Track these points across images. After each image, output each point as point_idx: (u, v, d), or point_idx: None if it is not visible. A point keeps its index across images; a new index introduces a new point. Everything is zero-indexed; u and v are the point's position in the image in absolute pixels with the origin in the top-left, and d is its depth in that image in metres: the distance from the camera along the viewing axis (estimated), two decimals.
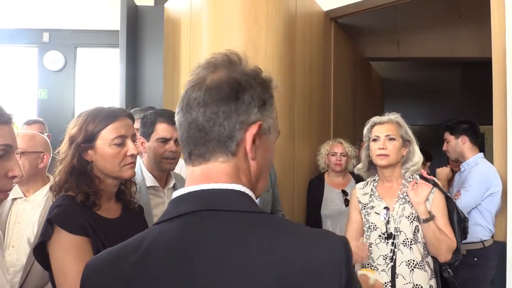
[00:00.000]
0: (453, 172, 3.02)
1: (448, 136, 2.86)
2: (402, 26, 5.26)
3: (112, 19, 3.97)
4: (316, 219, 2.98)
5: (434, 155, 4.15)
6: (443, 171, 2.83)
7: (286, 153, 2.80)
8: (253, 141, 0.77)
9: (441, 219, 1.86)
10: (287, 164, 2.92)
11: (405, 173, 1.96)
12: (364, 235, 1.97)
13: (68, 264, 1.23)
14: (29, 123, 3.21)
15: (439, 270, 1.88)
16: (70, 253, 1.23)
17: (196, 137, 0.76)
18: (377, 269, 1.87)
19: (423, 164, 3.40)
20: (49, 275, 1.30)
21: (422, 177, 1.94)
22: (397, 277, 1.83)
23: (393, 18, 5.06)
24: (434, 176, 2.26)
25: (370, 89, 5.73)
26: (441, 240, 1.82)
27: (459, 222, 1.91)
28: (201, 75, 0.78)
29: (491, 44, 2.74)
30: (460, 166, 2.84)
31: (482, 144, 2.81)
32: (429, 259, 1.88)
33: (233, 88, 0.76)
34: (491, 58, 2.73)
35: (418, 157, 1.94)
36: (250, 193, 0.78)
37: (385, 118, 1.98)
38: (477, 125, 2.84)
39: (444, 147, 2.88)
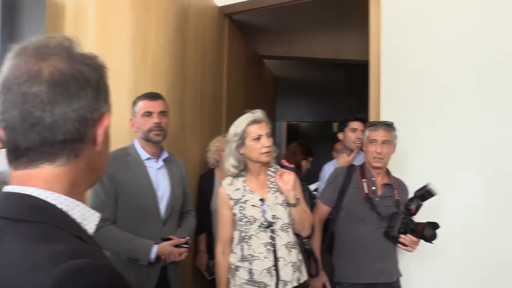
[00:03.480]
0: None
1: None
2: (294, 26, 5.45)
3: None
4: (205, 214, 2.98)
5: (320, 149, 4.40)
6: (345, 162, 2.96)
7: (176, 148, 2.75)
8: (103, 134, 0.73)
9: (302, 201, 2.10)
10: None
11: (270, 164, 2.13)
12: (243, 228, 2.04)
13: None
14: None
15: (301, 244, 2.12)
16: None
17: (36, 138, 0.68)
18: (259, 257, 1.99)
19: (306, 159, 3.58)
20: None
21: (283, 166, 2.08)
22: (278, 261, 1.99)
23: (286, 18, 5.22)
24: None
25: (263, 86, 5.87)
26: (305, 218, 2.08)
27: (310, 200, 2.24)
28: (32, 65, 0.68)
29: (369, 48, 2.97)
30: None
31: None
32: (295, 236, 2.10)
33: (78, 82, 0.70)
34: None
35: (275, 148, 2.15)
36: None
37: (261, 116, 2.10)
38: None
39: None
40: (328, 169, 3.07)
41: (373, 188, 2.29)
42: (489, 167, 2.61)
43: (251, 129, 2.04)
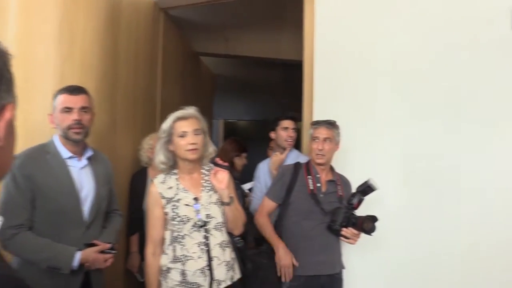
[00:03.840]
0: None
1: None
2: (231, 24, 5.43)
3: None
4: (138, 214, 2.89)
5: (258, 148, 4.42)
6: (279, 160, 2.98)
7: (106, 145, 2.64)
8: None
9: (236, 199, 2.10)
10: (108, 157, 2.75)
11: (204, 162, 2.10)
12: (176, 228, 1.99)
13: None
14: None
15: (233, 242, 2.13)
16: None
17: None
18: (193, 257, 1.95)
19: (239, 156, 3.56)
20: None
21: (216, 164, 2.07)
22: (212, 260, 1.96)
23: (223, 15, 5.19)
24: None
25: (200, 83, 5.81)
26: (238, 217, 2.08)
27: (242, 198, 2.29)
28: None
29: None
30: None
31: (300, 139, 3.07)
32: (228, 235, 2.09)
33: None
34: None
35: (212, 146, 2.12)
36: None
37: (189, 113, 2.04)
38: None
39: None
40: (262, 168, 3.10)
41: (318, 184, 2.38)
42: (410, 165, 2.76)
43: (177, 126, 2.01)
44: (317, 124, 2.42)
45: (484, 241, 2.82)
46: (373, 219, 2.22)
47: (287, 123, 2.96)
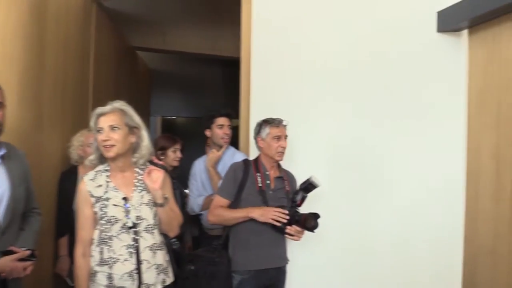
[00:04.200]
0: None
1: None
2: (169, 19, 5.32)
3: None
4: (67, 214, 2.75)
5: (197, 145, 4.34)
6: (216, 157, 2.94)
7: (32, 143, 2.48)
8: None
9: (172, 200, 2.04)
10: (33, 155, 2.58)
11: (137, 160, 1.99)
12: (103, 228, 1.91)
13: None
14: None
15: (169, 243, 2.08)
16: None
17: None
18: (120, 260, 1.87)
19: (159, 153, 3.46)
20: None
21: (152, 162, 2.01)
22: (141, 263, 1.89)
23: (160, 9, 5.07)
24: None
25: (137, 79, 5.65)
26: (174, 218, 2.02)
27: (181, 198, 2.21)
28: None
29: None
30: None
31: (237, 136, 3.06)
32: (162, 237, 2.02)
33: None
34: None
35: (147, 142, 2.01)
36: None
37: (107, 108, 1.95)
38: None
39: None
40: (198, 165, 3.06)
41: (268, 181, 2.43)
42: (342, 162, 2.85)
43: (97, 122, 1.92)
44: (276, 123, 2.44)
45: (411, 232, 2.99)
46: (315, 216, 2.27)
47: (222, 120, 2.93)
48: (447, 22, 2.93)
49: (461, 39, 3.01)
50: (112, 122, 1.90)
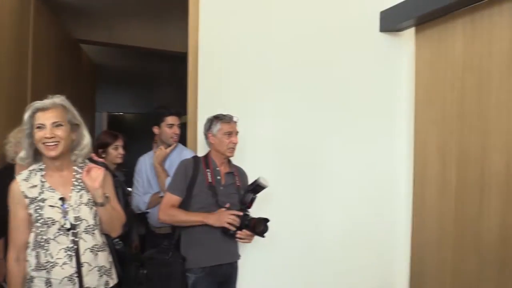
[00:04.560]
0: None
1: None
2: (115, 11, 5.16)
3: None
4: (2, 216, 2.58)
5: (145, 141, 4.24)
6: (163, 154, 2.87)
7: None
8: None
9: (113, 199, 1.96)
10: None
11: (76, 159, 1.91)
12: (39, 231, 1.80)
13: None
14: None
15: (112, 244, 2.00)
16: None
17: None
18: (58, 263, 1.78)
19: (100, 150, 3.36)
20: None
21: (92, 160, 1.93)
22: (82, 266, 1.80)
23: (106, 1, 4.90)
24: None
25: (80, 73, 5.44)
26: (116, 217, 1.94)
27: (123, 197, 2.15)
28: None
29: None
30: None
31: (186, 133, 3.00)
32: (104, 237, 1.94)
33: None
34: None
35: (87, 140, 1.92)
36: None
37: (49, 103, 1.83)
38: None
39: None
40: (143, 161, 2.99)
41: (218, 177, 2.42)
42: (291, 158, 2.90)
43: (35, 117, 1.80)
44: (227, 119, 2.43)
45: (359, 226, 3.07)
46: (265, 221, 2.28)
47: (171, 119, 2.88)
48: (390, 22, 3.01)
49: (403, 38, 3.11)
50: (56, 118, 1.79)
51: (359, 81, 3.07)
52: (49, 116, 1.79)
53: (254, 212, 2.39)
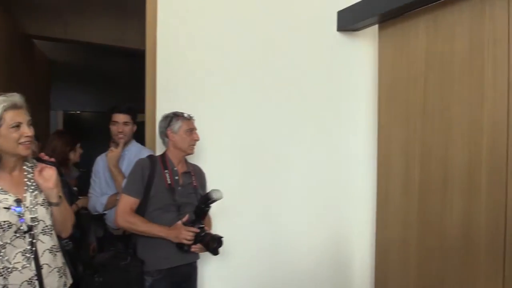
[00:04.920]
0: None
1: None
2: (71, 7, 4.98)
3: None
4: None
5: (102, 140, 4.12)
6: (115, 155, 2.79)
7: None
8: None
9: (64, 198, 1.92)
10: None
11: (27, 158, 1.87)
12: None
13: None
14: None
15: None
16: None
17: None
18: (17, 268, 1.70)
19: (73, 149, 3.28)
20: None
21: (42, 160, 1.87)
22: (42, 268, 1.75)
23: None
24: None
25: (33, 70, 5.21)
26: (68, 218, 1.93)
27: (70, 197, 2.19)
28: None
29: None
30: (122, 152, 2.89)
31: (143, 132, 2.93)
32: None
33: None
34: None
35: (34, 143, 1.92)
36: None
37: (18, 99, 1.78)
38: None
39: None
40: (101, 162, 2.91)
41: (176, 178, 2.40)
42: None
43: (8, 116, 1.72)
44: (186, 116, 2.44)
45: (322, 224, 3.10)
46: (219, 240, 2.26)
47: (116, 117, 2.82)
48: (347, 21, 3.05)
49: (361, 37, 3.16)
50: (28, 116, 1.77)
51: (318, 81, 3.10)
52: (23, 113, 1.76)
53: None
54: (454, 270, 2.40)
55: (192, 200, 2.39)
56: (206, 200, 2.28)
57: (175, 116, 2.42)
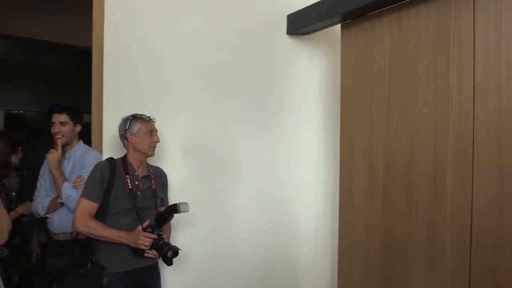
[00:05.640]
0: None
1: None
2: (12, 0, 4.74)
3: None
4: None
5: (49, 141, 3.96)
6: (55, 157, 2.69)
7: None
8: None
9: (0, 203, 1.88)
10: None
11: None
12: None
13: None
14: None
15: None
16: None
17: None
18: None
19: (15, 151, 3.15)
20: None
21: None
22: None
23: None
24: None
25: None
26: (4, 224, 1.87)
27: (8, 202, 2.20)
28: None
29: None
30: (66, 153, 2.79)
31: (90, 132, 2.83)
32: None
33: None
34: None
35: None
36: None
37: None
38: None
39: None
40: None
41: (136, 183, 2.38)
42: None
43: None
44: (145, 117, 2.42)
45: (282, 227, 3.13)
46: (174, 252, 2.26)
47: (52, 117, 2.76)
48: (295, 25, 3.08)
49: (314, 39, 3.21)
50: None
51: (271, 84, 3.13)
52: None
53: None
54: (419, 274, 2.35)
55: (151, 204, 2.39)
56: (172, 211, 2.32)
57: (134, 118, 2.39)
